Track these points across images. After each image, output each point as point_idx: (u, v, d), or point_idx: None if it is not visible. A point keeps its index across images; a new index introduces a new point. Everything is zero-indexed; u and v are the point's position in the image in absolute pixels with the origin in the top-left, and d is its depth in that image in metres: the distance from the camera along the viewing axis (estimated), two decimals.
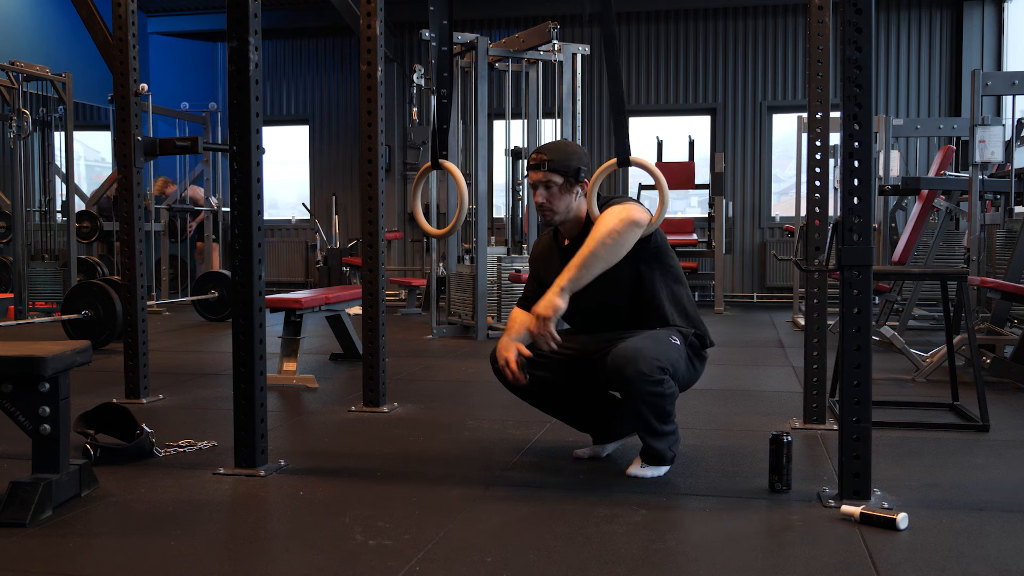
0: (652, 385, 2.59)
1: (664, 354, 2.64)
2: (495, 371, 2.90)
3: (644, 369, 2.57)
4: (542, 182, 2.83)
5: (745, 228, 10.36)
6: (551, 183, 2.82)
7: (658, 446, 2.72)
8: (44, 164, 7.82)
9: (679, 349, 2.75)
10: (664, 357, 2.63)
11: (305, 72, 11.45)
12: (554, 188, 2.82)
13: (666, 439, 2.73)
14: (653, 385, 2.59)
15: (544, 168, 2.82)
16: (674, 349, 2.72)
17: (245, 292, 2.82)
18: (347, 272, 9.39)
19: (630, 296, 2.85)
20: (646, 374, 2.57)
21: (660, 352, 2.64)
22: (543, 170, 2.82)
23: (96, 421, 3.09)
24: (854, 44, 2.41)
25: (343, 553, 2.11)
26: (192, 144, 4.37)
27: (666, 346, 2.69)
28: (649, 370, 2.58)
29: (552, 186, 2.82)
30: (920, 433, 3.40)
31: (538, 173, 2.83)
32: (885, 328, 5.05)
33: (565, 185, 2.82)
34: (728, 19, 10.36)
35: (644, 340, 2.68)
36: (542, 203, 2.84)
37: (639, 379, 2.58)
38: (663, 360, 2.62)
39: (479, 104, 6.50)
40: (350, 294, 5.10)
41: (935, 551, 2.11)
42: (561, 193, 2.83)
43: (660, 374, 2.60)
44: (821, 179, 3.38)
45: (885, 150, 7.20)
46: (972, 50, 9.78)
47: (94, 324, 5.78)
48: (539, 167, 2.83)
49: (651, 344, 2.66)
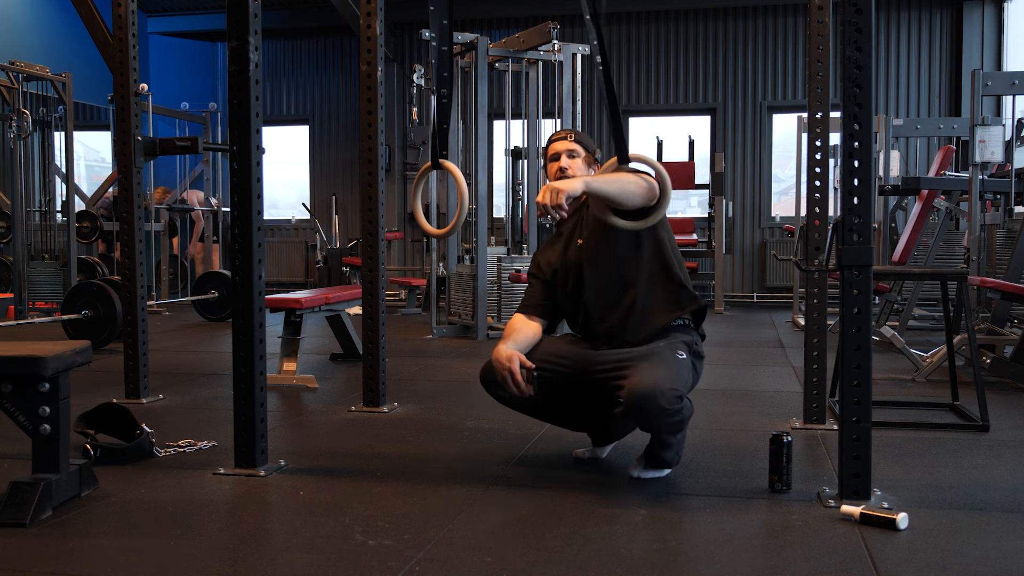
0: (672, 415, 2.56)
1: (677, 379, 2.61)
2: (484, 381, 2.84)
3: (664, 405, 2.52)
4: (568, 151, 2.94)
5: (745, 228, 10.36)
6: (575, 153, 2.94)
7: (667, 456, 2.73)
8: (44, 164, 7.82)
9: (686, 364, 2.71)
10: (679, 383, 2.60)
11: (305, 72, 11.45)
12: (577, 158, 2.94)
13: (674, 448, 2.73)
14: (673, 415, 2.56)
15: (571, 139, 2.97)
16: (683, 367, 2.69)
17: (245, 292, 2.82)
18: (347, 272, 9.39)
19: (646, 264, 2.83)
20: (666, 409, 2.53)
21: (674, 379, 2.59)
22: (570, 140, 2.96)
23: (96, 421, 3.09)
24: (854, 44, 2.41)
25: (343, 553, 2.11)
26: (192, 144, 4.38)
27: (677, 368, 2.65)
28: (669, 404, 2.53)
29: (576, 155, 2.94)
30: (920, 433, 3.40)
31: (565, 143, 2.96)
32: (885, 328, 5.05)
33: (586, 158, 2.96)
34: (728, 19, 10.36)
35: (655, 368, 2.61)
36: (564, 168, 2.91)
37: (660, 415, 2.54)
38: (679, 387, 2.58)
39: (479, 104, 6.50)
40: (350, 294, 5.10)
41: (935, 551, 2.11)
42: (582, 164, 2.95)
43: (679, 403, 2.56)
44: (821, 179, 3.38)
45: (885, 150, 7.20)
46: (972, 50, 9.78)
47: (94, 324, 5.78)
48: (566, 138, 2.97)
49: (663, 372, 2.60)
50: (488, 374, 2.83)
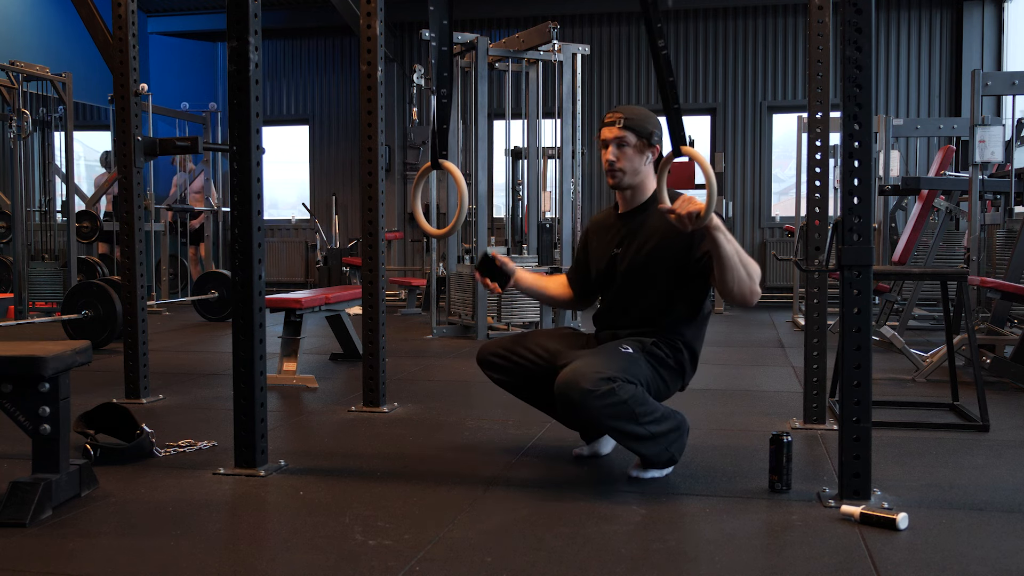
0: (601, 397, 2.45)
1: (607, 364, 2.53)
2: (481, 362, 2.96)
3: (586, 386, 2.44)
4: (616, 139, 2.74)
5: (745, 228, 10.36)
6: (624, 141, 2.74)
7: (647, 451, 2.62)
8: (44, 164, 7.82)
9: (630, 356, 2.64)
10: (607, 366, 2.51)
11: (305, 72, 11.45)
12: (627, 148, 2.74)
13: (655, 442, 2.59)
14: (602, 397, 2.45)
15: (620, 125, 2.73)
16: (623, 357, 2.62)
17: (245, 292, 2.82)
18: (347, 272, 9.39)
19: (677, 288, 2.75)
20: (589, 390, 2.44)
21: (602, 364, 2.52)
22: (619, 127, 2.74)
23: (96, 421, 3.09)
24: (854, 44, 2.41)
25: (343, 553, 2.11)
26: (192, 144, 4.38)
27: (611, 356, 2.60)
28: (592, 385, 2.44)
29: (625, 145, 2.74)
30: (920, 433, 3.40)
31: (613, 130, 2.74)
32: (885, 328, 5.05)
33: (638, 146, 2.74)
34: (728, 19, 10.36)
35: (588, 358, 2.58)
36: (612, 161, 2.74)
37: (585, 397, 2.45)
38: (606, 370, 2.49)
39: (479, 104, 6.50)
40: (350, 294, 5.10)
41: (935, 551, 2.11)
42: (634, 154, 2.75)
43: (606, 384, 2.45)
44: (821, 179, 3.38)
45: (885, 150, 7.20)
46: (972, 50, 9.78)
47: (94, 324, 5.78)
48: (615, 124, 2.74)
49: (592, 360, 2.56)
50: (483, 355, 2.95)
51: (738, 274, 2.55)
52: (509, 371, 2.94)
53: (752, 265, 2.59)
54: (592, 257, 2.99)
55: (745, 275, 2.56)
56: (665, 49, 2.52)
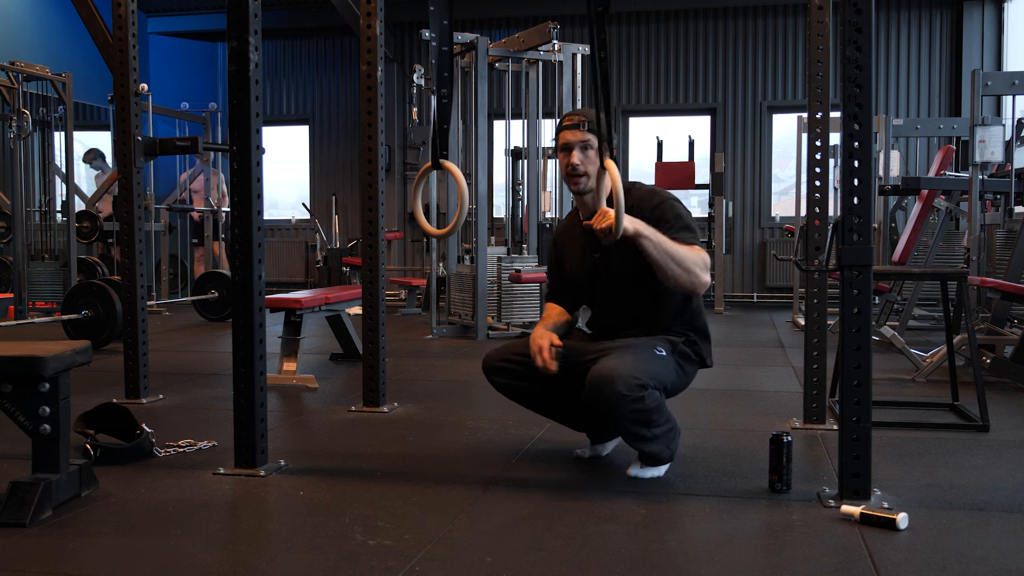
0: (631, 402, 2.50)
1: (644, 370, 2.55)
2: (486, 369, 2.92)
3: (622, 390, 2.48)
4: (579, 142, 2.68)
5: (745, 228, 10.36)
6: (589, 145, 2.68)
7: (651, 449, 2.67)
8: (44, 164, 7.82)
9: (665, 361, 2.67)
10: (644, 373, 2.54)
11: (305, 72, 11.44)
12: (591, 151, 2.68)
13: (658, 441, 2.66)
14: (633, 402, 2.50)
15: (583, 128, 2.67)
16: (659, 362, 2.64)
17: (245, 292, 2.82)
18: (347, 272, 9.39)
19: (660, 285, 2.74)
20: (624, 394, 2.48)
21: (639, 369, 2.54)
22: (581, 129, 2.67)
23: (96, 421, 3.09)
24: (854, 44, 2.41)
25: (343, 553, 2.11)
26: (192, 144, 4.38)
27: (649, 361, 2.61)
28: (628, 390, 2.48)
29: (589, 148, 2.68)
30: (920, 433, 3.40)
31: (577, 133, 2.67)
32: (885, 328, 5.05)
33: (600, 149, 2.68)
34: (728, 19, 10.36)
35: (624, 356, 2.59)
36: (577, 165, 2.67)
37: (618, 400, 2.49)
38: (643, 377, 2.52)
39: (479, 104, 6.50)
40: (350, 294, 5.10)
41: (935, 551, 2.11)
42: (596, 157, 2.67)
43: (639, 391, 2.50)
44: (821, 179, 3.38)
45: (885, 150, 7.20)
46: (972, 50, 9.78)
47: (94, 324, 5.77)
48: (577, 127, 2.67)
49: (631, 360, 2.56)
50: (490, 361, 2.91)
51: (672, 271, 2.61)
52: (521, 375, 2.86)
53: (689, 259, 2.61)
54: (569, 268, 2.95)
55: (681, 271, 2.61)
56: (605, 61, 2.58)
